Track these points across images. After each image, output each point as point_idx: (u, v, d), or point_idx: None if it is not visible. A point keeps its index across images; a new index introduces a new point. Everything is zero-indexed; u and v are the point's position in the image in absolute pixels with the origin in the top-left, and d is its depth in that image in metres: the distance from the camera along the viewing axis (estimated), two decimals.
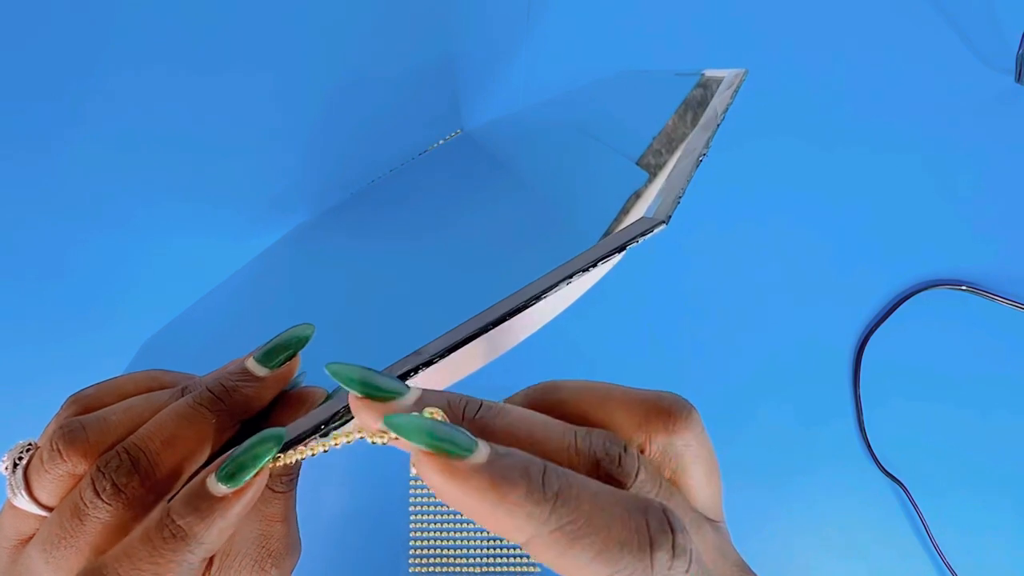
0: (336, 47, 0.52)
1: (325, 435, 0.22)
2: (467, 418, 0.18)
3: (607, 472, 0.18)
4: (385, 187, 0.52)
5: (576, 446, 0.18)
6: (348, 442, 0.20)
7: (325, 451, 0.22)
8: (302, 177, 0.54)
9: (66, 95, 0.53)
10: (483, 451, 0.17)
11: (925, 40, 0.56)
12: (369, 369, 0.19)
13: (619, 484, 0.18)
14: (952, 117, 0.56)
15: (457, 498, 0.16)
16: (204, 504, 0.21)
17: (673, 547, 0.17)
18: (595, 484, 0.17)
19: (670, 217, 0.21)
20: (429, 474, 0.17)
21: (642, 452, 0.20)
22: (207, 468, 0.22)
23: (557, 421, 0.19)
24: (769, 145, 0.56)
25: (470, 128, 0.55)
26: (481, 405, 0.18)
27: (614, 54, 0.56)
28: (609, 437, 0.19)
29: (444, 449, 0.16)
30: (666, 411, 0.20)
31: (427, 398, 0.18)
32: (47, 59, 0.53)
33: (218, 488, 0.21)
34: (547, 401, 0.21)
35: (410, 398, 0.18)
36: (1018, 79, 0.54)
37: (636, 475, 0.18)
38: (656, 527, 0.17)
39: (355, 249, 0.46)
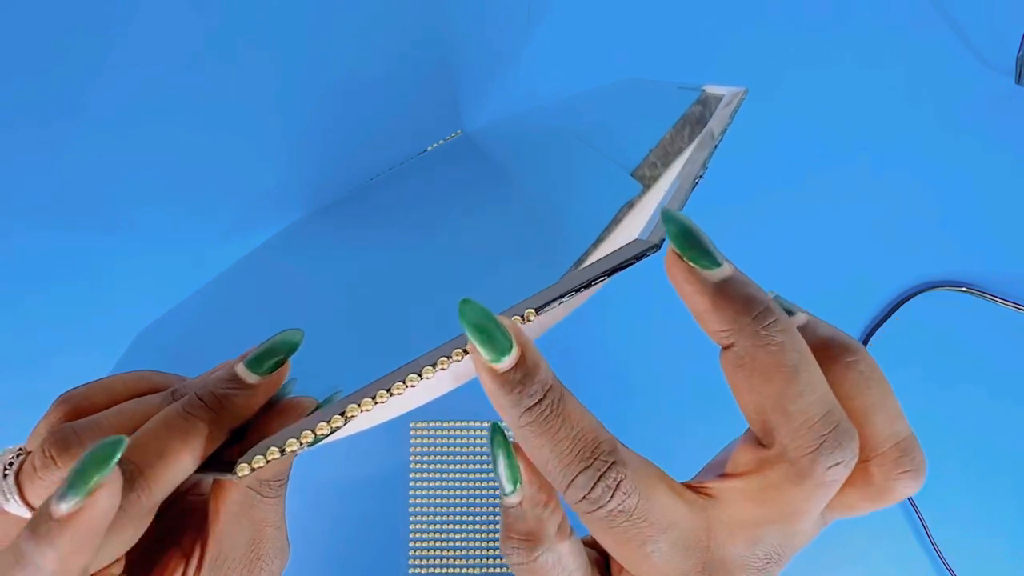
0: (335, 45, 0.52)
1: (313, 444, 0.22)
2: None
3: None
4: (383, 186, 0.52)
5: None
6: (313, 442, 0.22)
7: (301, 449, 0.22)
8: (298, 174, 0.54)
9: (63, 92, 0.53)
10: (511, 358, 0.20)
11: (925, 40, 0.56)
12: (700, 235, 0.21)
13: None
14: (952, 117, 0.56)
15: (481, 379, 0.21)
16: (42, 528, 0.20)
17: (598, 480, 0.20)
18: (573, 411, 0.21)
19: (664, 241, 0.21)
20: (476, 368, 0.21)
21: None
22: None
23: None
24: (768, 146, 0.56)
25: (470, 129, 0.55)
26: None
27: (616, 60, 0.56)
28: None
29: (483, 345, 0.20)
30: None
31: (736, 278, 0.21)
32: (42, 59, 0.53)
33: (57, 510, 0.20)
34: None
35: (726, 269, 0.21)
36: (1018, 80, 0.54)
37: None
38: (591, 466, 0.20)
39: (350, 247, 0.46)
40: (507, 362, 0.20)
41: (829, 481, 0.20)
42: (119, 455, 0.20)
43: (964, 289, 0.53)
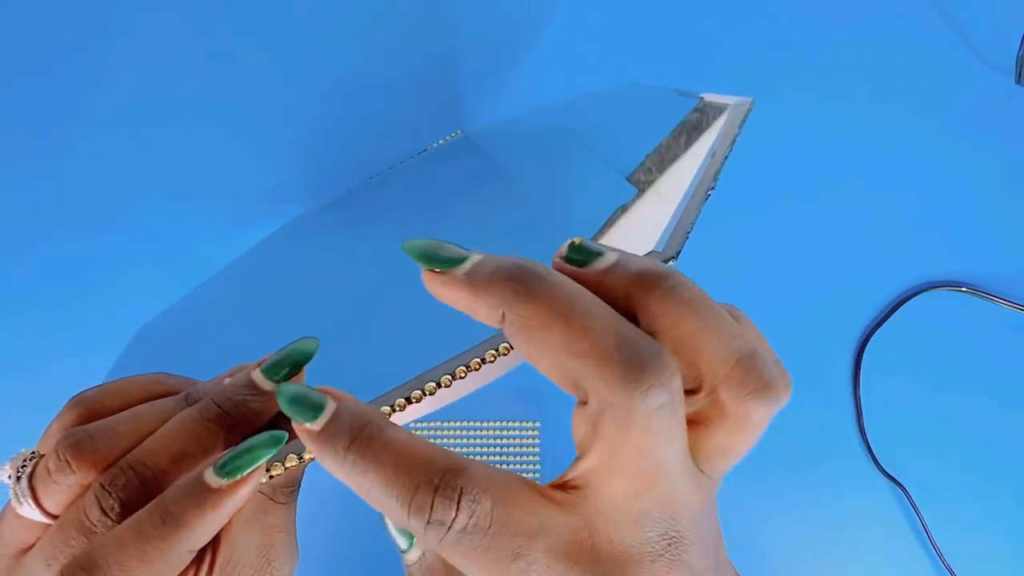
0: (337, 44, 0.52)
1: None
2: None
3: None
4: (383, 184, 0.52)
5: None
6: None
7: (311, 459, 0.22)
8: (299, 173, 0.54)
9: (63, 92, 0.53)
10: (324, 415, 0.20)
11: (925, 40, 0.56)
12: (435, 244, 0.21)
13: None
14: (952, 117, 0.56)
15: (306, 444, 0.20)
16: (198, 494, 0.21)
17: (434, 493, 0.18)
18: (396, 436, 0.19)
19: (679, 253, 0.21)
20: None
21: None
22: (205, 463, 0.22)
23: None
24: (768, 147, 0.56)
25: (471, 130, 0.55)
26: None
27: (617, 64, 0.56)
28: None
29: (297, 415, 0.20)
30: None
31: (484, 261, 0.20)
32: (42, 59, 0.53)
33: (214, 480, 0.21)
34: None
35: (473, 257, 0.21)
36: (1018, 80, 0.54)
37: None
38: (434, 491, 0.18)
39: (350, 244, 0.46)
40: (320, 422, 0.19)
41: (656, 409, 0.18)
42: (282, 443, 0.22)
43: (964, 289, 0.53)
